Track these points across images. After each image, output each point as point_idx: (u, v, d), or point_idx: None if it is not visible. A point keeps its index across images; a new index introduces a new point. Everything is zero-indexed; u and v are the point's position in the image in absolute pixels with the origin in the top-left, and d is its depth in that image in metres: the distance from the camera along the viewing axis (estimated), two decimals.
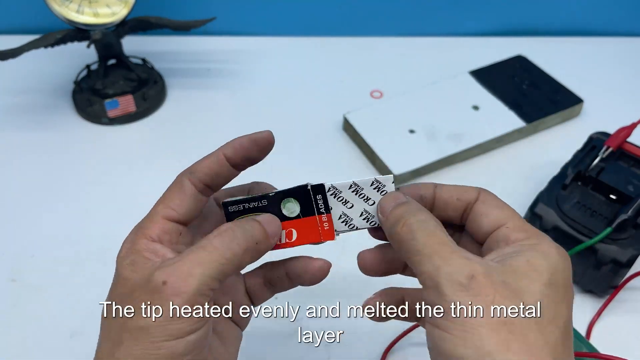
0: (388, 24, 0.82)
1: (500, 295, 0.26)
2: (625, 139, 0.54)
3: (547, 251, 0.28)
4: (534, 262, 0.28)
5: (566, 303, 0.27)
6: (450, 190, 0.33)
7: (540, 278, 0.27)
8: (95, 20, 0.63)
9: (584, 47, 0.81)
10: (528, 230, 0.30)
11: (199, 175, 0.33)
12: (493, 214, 0.31)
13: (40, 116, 0.68)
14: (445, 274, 0.27)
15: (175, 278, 0.28)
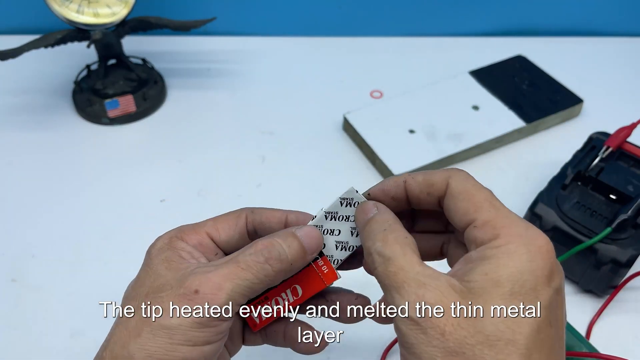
0: (388, 24, 0.82)
1: (452, 323, 0.25)
2: (625, 139, 0.54)
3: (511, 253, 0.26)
4: (492, 273, 0.26)
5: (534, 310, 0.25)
6: (420, 185, 0.31)
7: (499, 292, 0.25)
8: (96, 20, 0.63)
9: (584, 47, 0.81)
10: (496, 226, 0.27)
11: (256, 217, 0.34)
12: (461, 209, 0.29)
13: (41, 116, 0.68)
14: (400, 309, 0.26)
15: (208, 288, 0.29)
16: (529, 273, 0.25)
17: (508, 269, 0.25)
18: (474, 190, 0.29)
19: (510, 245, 0.26)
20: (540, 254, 0.26)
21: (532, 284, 0.25)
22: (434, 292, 0.26)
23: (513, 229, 0.27)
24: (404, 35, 0.82)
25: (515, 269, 0.25)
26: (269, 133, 0.67)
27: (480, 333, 0.24)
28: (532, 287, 0.25)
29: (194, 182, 0.60)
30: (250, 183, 0.60)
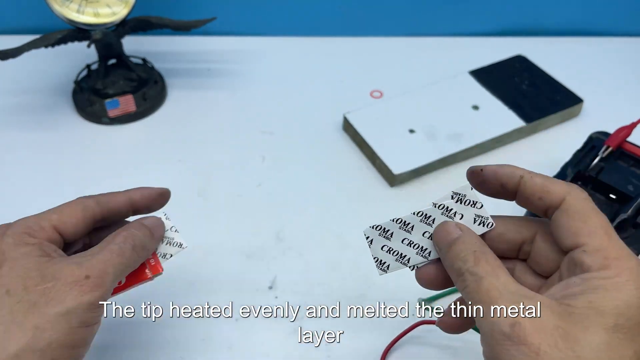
0: (388, 24, 0.82)
1: (548, 344, 0.24)
2: (625, 138, 0.54)
3: (621, 287, 0.25)
4: (598, 302, 0.25)
5: (634, 348, 0.25)
6: (535, 187, 0.30)
7: (602, 322, 0.25)
8: (96, 20, 0.63)
9: (584, 47, 0.81)
10: (609, 257, 0.26)
11: (103, 207, 0.37)
12: (573, 228, 0.28)
13: (41, 116, 0.68)
14: (489, 323, 0.26)
15: (96, 273, 0.32)
16: (636, 309, 0.25)
17: (615, 301, 0.25)
18: (592, 214, 0.28)
19: (620, 278, 0.26)
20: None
21: (637, 320, 0.25)
22: (531, 311, 0.25)
23: (624, 262, 0.26)
24: (404, 35, 0.82)
25: (623, 302, 0.25)
26: (269, 133, 0.67)
27: (578, 358, 0.24)
28: (637, 322, 0.25)
29: (194, 182, 0.60)
30: (250, 183, 0.60)
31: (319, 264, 0.53)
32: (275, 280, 0.52)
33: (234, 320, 0.48)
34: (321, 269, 0.53)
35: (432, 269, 0.33)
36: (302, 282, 0.52)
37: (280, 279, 0.52)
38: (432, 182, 0.61)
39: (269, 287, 0.51)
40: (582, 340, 0.24)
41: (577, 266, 0.27)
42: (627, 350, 0.24)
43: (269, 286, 0.51)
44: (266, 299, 0.50)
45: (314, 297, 0.51)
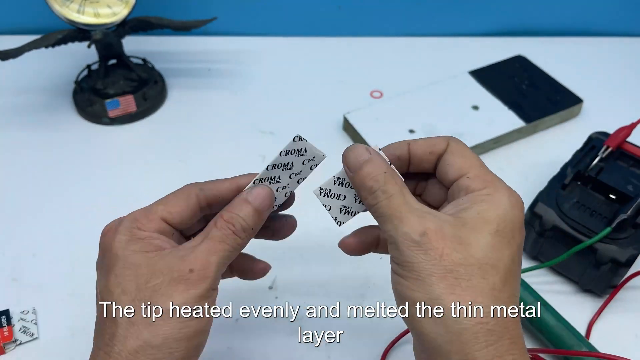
0: (388, 24, 0.82)
1: (449, 248, 0.30)
2: (625, 138, 0.54)
3: (499, 201, 0.32)
4: (484, 213, 0.31)
5: (510, 249, 0.31)
6: (423, 145, 0.36)
7: (488, 228, 0.31)
8: (96, 20, 0.63)
9: (584, 47, 0.81)
10: (486, 180, 0.33)
11: (207, 194, 0.36)
12: (457, 163, 0.34)
13: (41, 116, 0.68)
14: (402, 234, 0.31)
15: (199, 265, 0.32)
16: (510, 218, 0.31)
17: (496, 211, 0.31)
18: (469, 153, 0.35)
19: (498, 194, 0.32)
20: (518, 206, 0.32)
21: (511, 226, 0.31)
22: (435, 222, 0.31)
23: (498, 184, 0.33)
24: (404, 35, 0.82)
25: (502, 212, 0.31)
26: (269, 133, 0.67)
27: (472, 257, 0.30)
28: (512, 229, 0.31)
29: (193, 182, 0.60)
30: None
31: (319, 264, 0.53)
32: (275, 280, 0.52)
33: (234, 320, 0.48)
34: (321, 269, 0.53)
35: (352, 238, 0.38)
36: (302, 282, 0.52)
37: (280, 279, 0.52)
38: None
39: (269, 287, 0.51)
40: (473, 243, 0.30)
41: (462, 190, 0.33)
42: (506, 250, 0.31)
43: (269, 286, 0.51)
44: (266, 299, 0.50)
45: (314, 297, 0.51)
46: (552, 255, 0.50)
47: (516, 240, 0.31)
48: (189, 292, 0.31)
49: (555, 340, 0.46)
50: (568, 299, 0.51)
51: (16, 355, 0.46)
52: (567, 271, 0.52)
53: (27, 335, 0.47)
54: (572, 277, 0.52)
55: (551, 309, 0.47)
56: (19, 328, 0.47)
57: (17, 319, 0.48)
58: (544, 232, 0.50)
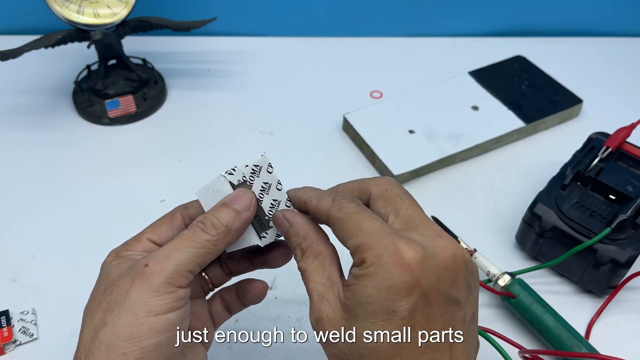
0: (388, 24, 0.82)
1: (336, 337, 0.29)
2: (625, 139, 0.54)
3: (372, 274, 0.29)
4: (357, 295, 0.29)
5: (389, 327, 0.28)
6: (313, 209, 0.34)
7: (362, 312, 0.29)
8: (96, 20, 0.63)
9: (583, 47, 0.81)
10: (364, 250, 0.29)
11: (190, 212, 0.37)
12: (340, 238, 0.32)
13: (41, 116, 0.68)
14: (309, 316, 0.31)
15: (155, 260, 0.32)
16: (385, 290, 0.28)
17: (367, 290, 0.28)
18: (347, 218, 0.31)
19: (371, 267, 0.29)
20: (397, 268, 0.28)
21: (388, 300, 0.28)
22: (326, 307, 0.30)
23: (377, 251, 0.29)
24: (404, 35, 0.82)
25: (373, 289, 0.28)
26: (269, 133, 0.67)
27: (352, 346, 0.29)
28: (389, 303, 0.28)
29: (194, 182, 0.60)
30: None
31: None
32: (275, 280, 0.52)
33: (234, 320, 0.48)
34: None
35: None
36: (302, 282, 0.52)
37: (280, 279, 0.52)
38: (431, 182, 0.61)
39: (269, 287, 0.51)
40: (353, 331, 0.29)
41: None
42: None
43: (269, 286, 0.51)
44: (266, 299, 0.50)
45: None
46: (552, 256, 0.50)
47: (398, 312, 0.28)
48: (142, 287, 0.31)
49: (555, 341, 0.46)
50: (568, 300, 0.51)
51: (16, 356, 0.46)
52: (567, 271, 0.52)
53: (27, 335, 0.47)
54: (572, 278, 0.52)
55: (551, 309, 0.47)
56: (18, 328, 0.47)
57: (17, 319, 0.48)
58: (543, 232, 0.50)
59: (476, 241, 0.54)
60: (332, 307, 0.30)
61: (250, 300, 0.40)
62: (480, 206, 0.59)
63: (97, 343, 0.30)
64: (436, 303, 0.29)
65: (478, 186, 0.61)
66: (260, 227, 0.36)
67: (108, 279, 0.33)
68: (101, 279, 0.34)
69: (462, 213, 0.58)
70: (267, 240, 0.36)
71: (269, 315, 0.49)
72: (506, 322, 0.50)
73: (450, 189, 0.61)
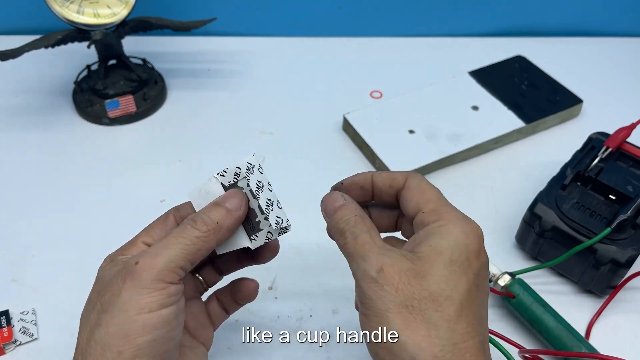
0: (388, 24, 0.82)
1: (404, 282, 0.31)
2: (625, 139, 0.54)
3: (450, 231, 0.32)
4: (436, 245, 0.32)
5: (465, 278, 0.31)
6: (384, 179, 0.37)
7: (440, 259, 0.31)
8: (96, 20, 0.63)
9: (583, 47, 0.81)
10: (440, 212, 0.34)
11: (182, 214, 0.37)
12: (414, 199, 0.35)
13: (41, 116, 0.68)
14: (362, 271, 0.32)
15: (145, 258, 0.32)
16: (464, 247, 0.32)
17: (448, 242, 0.32)
18: (427, 188, 0.36)
19: (450, 225, 0.33)
20: (472, 234, 0.33)
21: (466, 255, 0.32)
22: (391, 258, 0.32)
23: (451, 215, 0.34)
24: (404, 35, 0.82)
25: (454, 242, 0.32)
26: (269, 133, 0.67)
27: (425, 290, 0.30)
28: (466, 258, 0.32)
29: (194, 182, 0.60)
30: None
31: (319, 264, 0.53)
32: (275, 280, 0.52)
33: (234, 320, 0.48)
34: (321, 269, 0.53)
35: None
36: (302, 282, 0.52)
37: (280, 279, 0.52)
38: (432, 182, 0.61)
39: (269, 287, 0.51)
40: (427, 276, 0.31)
41: (418, 225, 0.34)
42: (460, 280, 0.31)
43: (269, 286, 0.51)
44: (266, 299, 0.50)
45: (314, 297, 0.51)
46: (552, 256, 0.50)
47: (472, 268, 0.32)
48: (133, 285, 0.31)
49: (555, 341, 0.46)
50: (568, 300, 0.51)
51: (16, 356, 0.46)
52: (567, 272, 0.52)
53: (27, 335, 0.47)
54: (572, 278, 0.52)
55: (551, 309, 0.47)
56: (18, 329, 0.47)
57: (17, 319, 0.48)
58: (543, 232, 0.50)
59: None
60: (397, 259, 0.32)
61: (243, 299, 0.41)
62: (480, 206, 0.59)
63: (93, 343, 0.31)
64: (485, 277, 0.33)
65: (478, 186, 0.61)
66: (251, 230, 0.36)
67: (102, 281, 0.33)
68: (96, 282, 0.34)
69: None
70: (257, 242, 0.36)
71: (269, 315, 0.49)
72: (506, 322, 0.50)
73: (450, 189, 0.60)
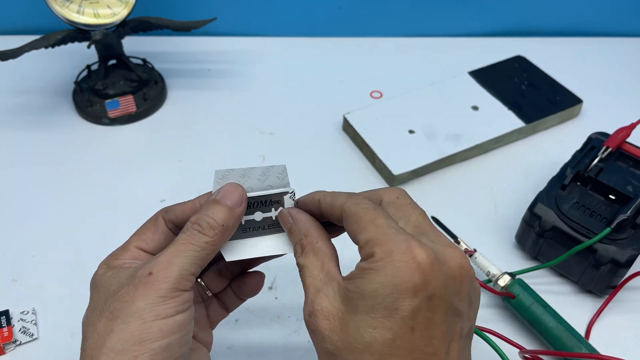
0: (388, 24, 0.82)
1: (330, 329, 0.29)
2: (624, 139, 0.54)
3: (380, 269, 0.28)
4: (362, 288, 0.29)
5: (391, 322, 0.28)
6: (326, 206, 0.34)
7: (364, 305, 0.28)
8: (96, 20, 0.63)
9: (583, 47, 0.81)
10: (375, 243, 0.29)
11: (171, 216, 0.36)
12: (351, 231, 0.32)
13: (41, 116, 0.68)
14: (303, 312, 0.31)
15: (158, 267, 0.31)
16: (391, 287, 0.28)
17: (372, 285, 0.28)
18: (362, 213, 0.31)
19: (380, 262, 0.29)
20: (406, 268, 0.28)
21: (393, 297, 0.28)
22: (323, 300, 0.30)
23: (387, 246, 0.29)
24: (404, 35, 0.82)
25: (379, 284, 0.28)
26: (269, 133, 0.67)
27: (346, 339, 0.28)
28: (393, 300, 0.28)
29: (194, 182, 0.60)
30: None
31: None
32: (275, 280, 0.52)
33: (234, 320, 0.48)
34: None
35: None
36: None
37: (280, 279, 0.52)
38: (431, 182, 0.61)
39: (269, 288, 0.51)
40: (349, 323, 0.28)
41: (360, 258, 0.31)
42: (382, 329, 0.28)
43: (269, 286, 0.51)
44: (266, 299, 0.50)
45: None
46: (552, 256, 0.50)
47: (401, 311, 0.28)
48: (149, 294, 0.31)
49: (555, 341, 0.46)
50: (568, 300, 0.51)
51: (16, 356, 0.46)
52: (567, 272, 0.52)
53: (27, 335, 0.47)
54: (572, 278, 0.52)
55: (551, 309, 0.47)
56: (18, 328, 0.47)
57: (17, 319, 0.48)
58: (543, 232, 0.50)
59: (476, 241, 0.54)
60: (329, 300, 0.30)
61: (247, 293, 0.40)
62: (480, 206, 0.59)
63: (105, 350, 0.30)
64: (439, 309, 0.28)
65: (478, 186, 0.61)
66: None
67: (108, 290, 0.33)
68: (99, 290, 0.33)
69: (462, 213, 0.58)
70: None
71: (269, 315, 0.49)
72: (506, 322, 0.50)
73: (450, 189, 0.61)
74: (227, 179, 0.36)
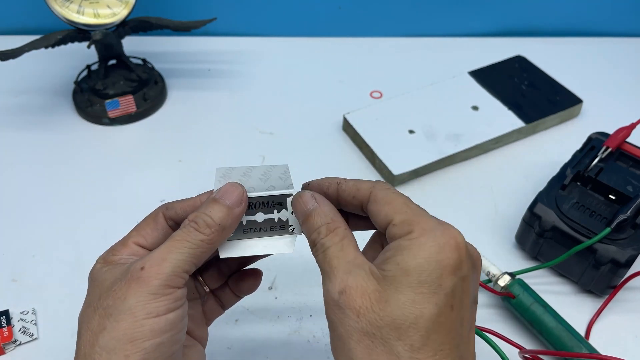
0: (388, 24, 0.82)
1: (366, 307, 0.28)
2: (624, 139, 0.54)
3: (421, 246, 0.29)
4: (404, 264, 0.29)
5: (434, 300, 0.28)
6: (349, 189, 0.34)
7: (408, 280, 0.28)
8: (96, 20, 0.63)
9: (583, 47, 0.81)
10: (412, 223, 0.30)
11: (171, 213, 0.36)
12: (383, 211, 0.32)
13: (41, 116, 0.68)
14: (326, 290, 0.30)
15: (151, 263, 0.31)
16: (435, 263, 0.28)
17: (416, 259, 0.28)
18: (394, 197, 0.32)
19: (422, 238, 0.29)
20: (448, 246, 0.29)
21: (437, 274, 0.28)
22: (356, 279, 0.29)
23: (425, 225, 0.30)
24: (404, 35, 0.82)
25: (423, 259, 0.28)
26: (269, 133, 0.67)
27: (388, 316, 0.28)
28: (438, 276, 0.28)
29: (194, 182, 0.60)
30: None
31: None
32: (275, 280, 0.52)
33: (234, 320, 0.48)
34: None
35: None
36: (302, 282, 0.52)
37: (280, 279, 0.52)
38: (431, 182, 0.61)
39: (269, 287, 0.51)
40: (391, 300, 0.28)
41: (390, 238, 0.31)
42: (429, 303, 0.28)
43: (269, 286, 0.51)
44: (266, 299, 0.50)
45: (314, 297, 0.51)
46: (552, 256, 0.50)
47: (445, 287, 0.28)
48: (140, 290, 0.30)
49: (555, 341, 0.46)
50: (568, 300, 0.51)
51: (16, 356, 0.46)
52: (567, 272, 0.52)
53: (27, 335, 0.47)
54: (572, 278, 0.52)
55: (551, 309, 0.47)
56: (18, 328, 0.47)
57: (17, 319, 0.48)
58: (543, 232, 0.50)
59: (476, 241, 0.53)
60: (363, 279, 0.29)
61: (245, 290, 0.40)
62: (480, 206, 0.59)
63: (97, 348, 0.30)
64: (466, 293, 0.30)
65: (478, 186, 0.61)
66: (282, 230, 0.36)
67: (102, 285, 0.32)
68: (94, 285, 0.33)
69: (462, 213, 0.58)
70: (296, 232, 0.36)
71: (269, 315, 0.49)
72: (506, 322, 0.50)
73: (450, 189, 0.61)
74: (229, 178, 0.36)
